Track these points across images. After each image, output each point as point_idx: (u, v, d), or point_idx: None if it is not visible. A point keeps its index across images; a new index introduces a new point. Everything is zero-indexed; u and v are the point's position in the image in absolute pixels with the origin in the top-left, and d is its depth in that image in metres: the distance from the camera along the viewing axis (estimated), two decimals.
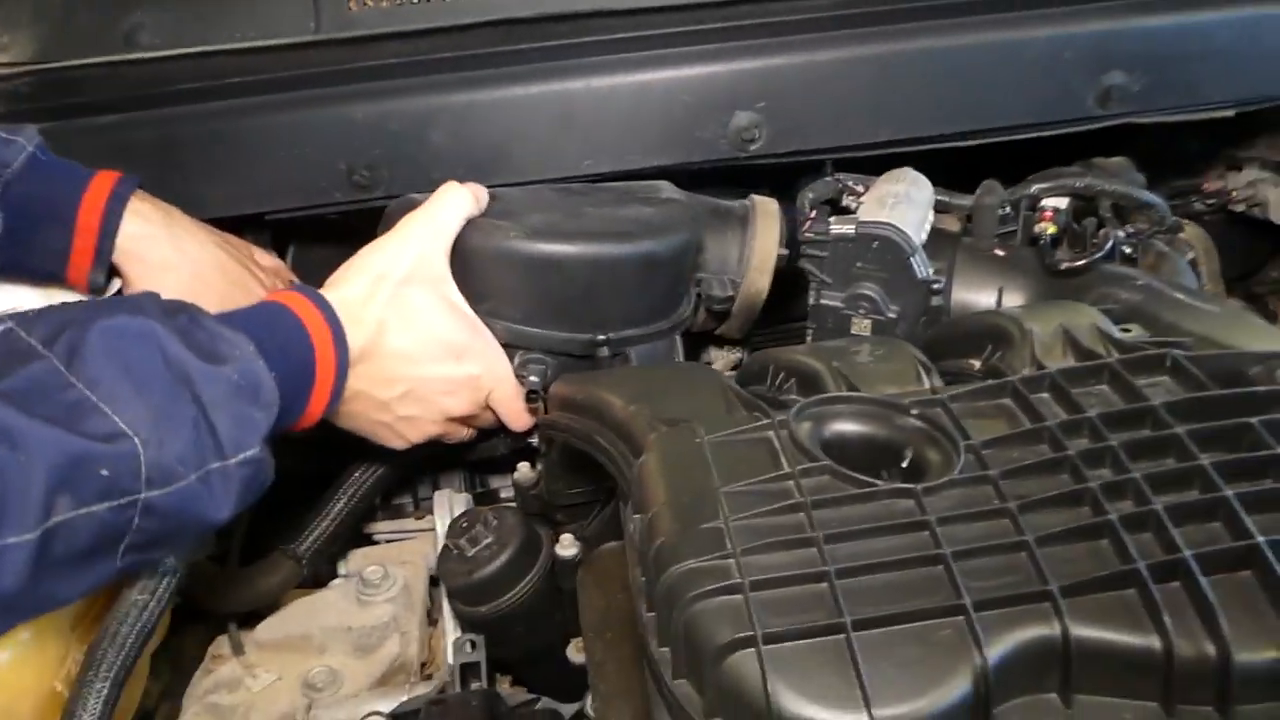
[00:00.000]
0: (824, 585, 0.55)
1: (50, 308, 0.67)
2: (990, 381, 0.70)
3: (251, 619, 0.97)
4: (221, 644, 0.96)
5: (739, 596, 0.55)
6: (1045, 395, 0.68)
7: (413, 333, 0.84)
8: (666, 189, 1.01)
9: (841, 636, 0.53)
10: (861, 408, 0.68)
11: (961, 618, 0.53)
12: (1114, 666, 0.53)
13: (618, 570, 0.75)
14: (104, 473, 0.61)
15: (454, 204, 0.88)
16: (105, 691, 0.69)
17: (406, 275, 0.84)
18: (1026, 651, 0.53)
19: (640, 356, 0.93)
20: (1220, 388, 0.65)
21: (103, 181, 0.91)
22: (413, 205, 0.91)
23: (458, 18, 1.06)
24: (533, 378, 0.89)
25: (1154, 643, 0.53)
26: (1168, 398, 0.64)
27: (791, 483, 0.62)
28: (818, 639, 0.53)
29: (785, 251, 1.01)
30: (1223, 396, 0.64)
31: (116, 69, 1.08)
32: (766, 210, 1.03)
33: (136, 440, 0.62)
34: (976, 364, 0.80)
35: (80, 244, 0.90)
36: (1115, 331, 0.76)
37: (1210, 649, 0.52)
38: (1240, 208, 1.32)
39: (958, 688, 0.51)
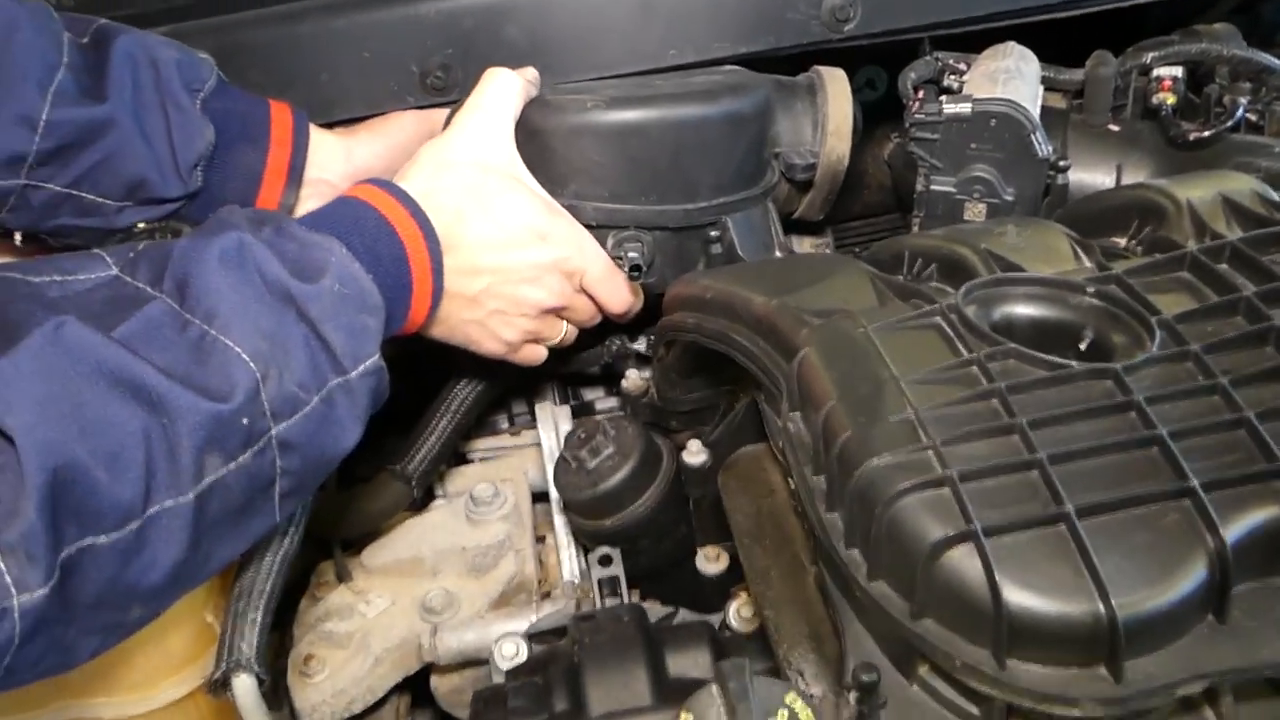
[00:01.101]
0: (1035, 474, 0.52)
1: (145, 248, 0.62)
2: (1164, 254, 0.65)
3: (352, 545, 0.95)
4: (324, 570, 0.93)
5: (946, 490, 0.52)
6: (1226, 266, 0.64)
7: (490, 219, 0.79)
8: (729, 67, 0.96)
9: (1064, 526, 0.50)
10: (1034, 289, 0.64)
11: (1189, 500, 0.50)
12: None
13: (761, 473, 0.72)
14: (245, 421, 0.58)
15: (501, 86, 0.84)
16: (260, 620, 0.66)
17: (474, 161, 0.80)
18: (1262, 532, 0.50)
19: (737, 225, 0.88)
20: None
21: (279, 104, 0.91)
22: None
23: None
24: (632, 254, 0.85)
25: None
26: None
27: (976, 368, 0.58)
28: (1039, 530, 0.50)
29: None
30: None
31: None
32: (834, 76, 0.97)
33: (256, 372, 0.58)
34: (1122, 242, 0.76)
35: (274, 162, 0.89)
36: (1277, 197, 0.72)
37: None
38: None
39: (1194, 573, 0.49)
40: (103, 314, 0.57)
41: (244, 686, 0.65)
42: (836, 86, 0.97)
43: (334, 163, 0.93)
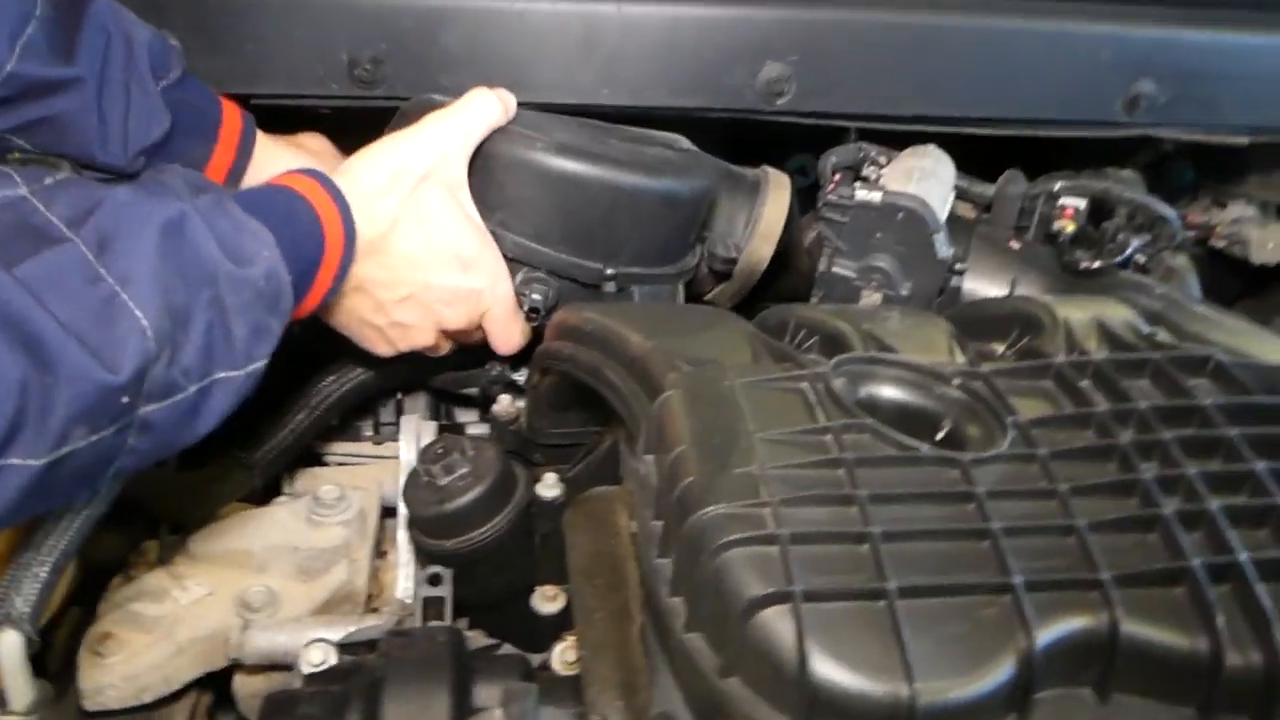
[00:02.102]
0: (865, 547, 0.51)
1: (70, 180, 0.59)
2: (1033, 361, 0.66)
3: (181, 527, 0.90)
4: (148, 550, 0.88)
5: (775, 549, 0.51)
6: (1089, 382, 0.65)
7: (424, 234, 0.79)
8: (684, 141, 0.97)
9: (883, 603, 0.49)
10: (902, 372, 0.64)
11: (1009, 597, 0.50)
12: (1157, 666, 0.51)
13: (610, 514, 0.70)
14: (124, 400, 0.54)
15: (483, 110, 0.83)
16: (43, 577, 0.61)
17: (425, 174, 0.79)
18: (1072, 640, 0.50)
19: (643, 297, 0.88)
20: (1264, 395, 0.63)
21: (230, 102, 0.91)
22: (432, 105, 0.85)
23: None
24: (535, 296, 0.84)
25: (1201, 645, 0.50)
26: (1215, 399, 0.62)
27: (830, 437, 0.58)
28: (858, 603, 0.49)
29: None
30: (1275, 404, 0.62)
31: None
32: (779, 181, 0.99)
33: (153, 346, 0.55)
34: (999, 349, 0.77)
35: (217, 162, 0.89)
36: (1147, 330, 0.74)
37: (1259, 658, 0.50)
38: (1221, 244, 1.31)
39: (1003, 669, 0.48)
40: (5, 244, 0.53)
41: (8, 642, 0.60)
42: (779, 192, 0.98)
43: (272, 171, 0.89)
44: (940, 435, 0.62)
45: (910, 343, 0.69)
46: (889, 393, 0.64)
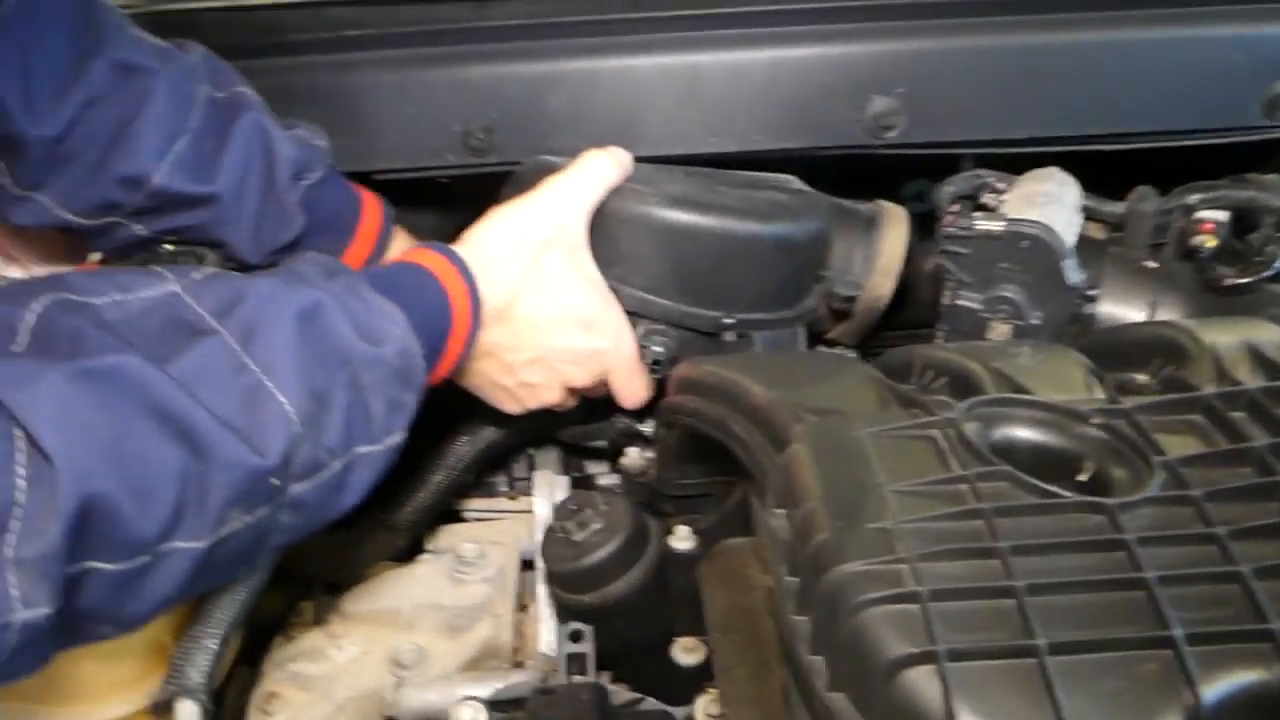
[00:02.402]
0: (1011, 602, 0.50)
1: (215, 274, 0.63)
2: (1179, 394, 0.64)
3: (335, 587, 0.94)
4: (304, 610, 0.92)
5: (916, 606, 0.50)
6: (1243, 414, 0.62)
7: (547, 300, 0.81)
8: (796, 182, 0.97)
9: (1034, 660, 0.47)
10: (1038, 413, 0.62)
11: (1170, 651, 0.48)
12: None
13: (743, 568, 0.70)
14: (274, 483, 0.58)
15: (600, 172, 0.85)
16: (214, 649, 0.66)
17: (547, 240, 0.81)
18: (1243, 695, 0.47)
19: (764, 342, 0.88)
20: None
21: (371, 197, 0.95)
22: (549, 168, 0.87)
23: None
24: (656, 348, 0.85)
25: None
26: None
27: (966, 486, 0.56)
28: (1006, 660, 0.48)
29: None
30: None
31: (233, 14, 1.05)
32: (896, 215, 0.98)
33: (299, 429, 0.59)
34: (1142, 379, 0.74)
35: (354, 253, 0.94)
36: None
37: None
38: None
39: None
40: (161, 338, 0.58)
41: (186, 712, 0.64)
42: (895, 227, 0.98)
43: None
44: (1083, 479, 0.60)
45: (1044, 380, 0.67)
46: (1025, 435, 0.62)
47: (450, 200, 1.13)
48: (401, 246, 0.98)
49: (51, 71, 0.77)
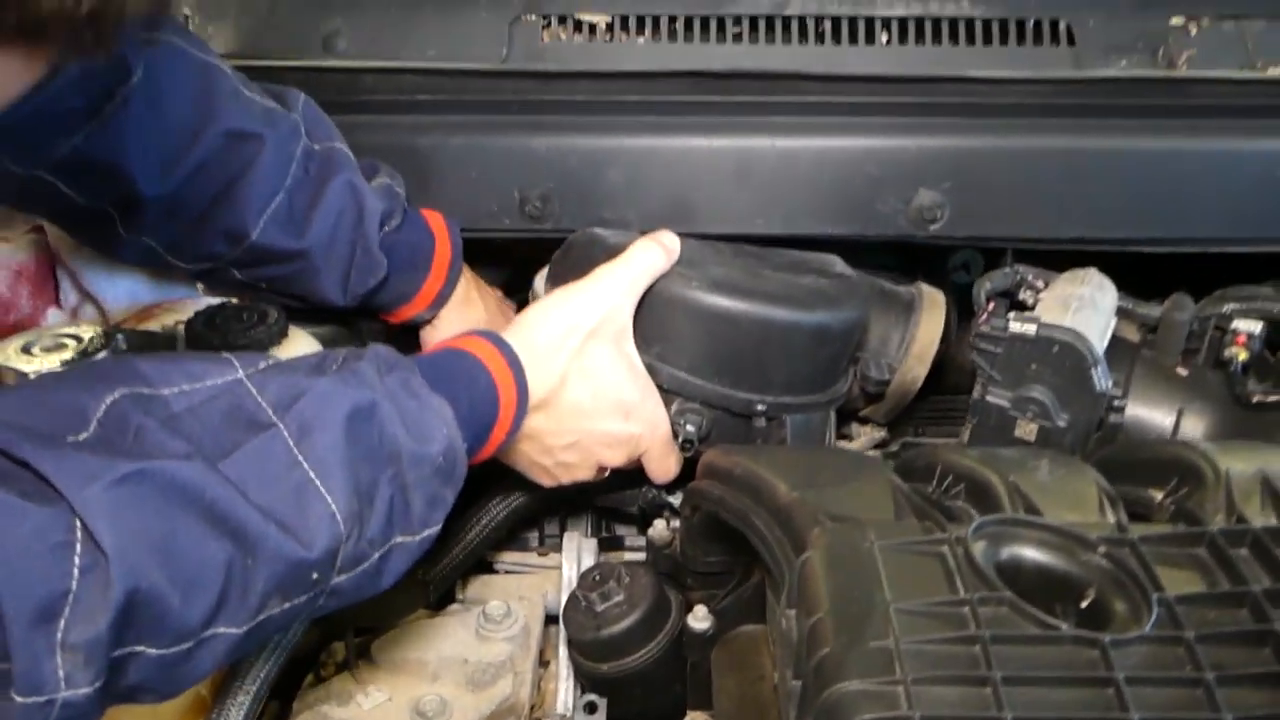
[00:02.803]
0: None
1: (278, 367, 0.67)
2: (1185, 528, 0.65)
3: (366, 630, 0.98)
4: (336, 651, 0.97)
5: None
6: (1246, 552, 0.63)
7: (590, 386, 0.84)
8: (839, 264, 0.99)
9: None
10: (1045, 535, 0.64)
11: None
12: None
13: (755, 655, 0.73)
14: (314, 576, 0.62)
15: (649, 261, 0.88)
16: (247, 704, 0.70)
17: (594, 329, 0.84)
18: None
19: (794, 425, 0.91)
20: None
21: (440, 227, 1.00)
22: (598, 241, 0.91)
23: (649, 64, 1.06)
24: (690, 427, 0.88)
25: None
26: None
27: (967, 609, 0.59)
28: None
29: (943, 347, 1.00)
30: None
31: (310, 74, 1.10)
32: (934, 301, 1.01)
33: (342, 532, 0.62)
34: (1158, 495, 0.76)
35: (426, 290, 0.99)
36: None
37: None
38: None
39: None
40: (221, 430, 0.62)
41: None
42: (933, 312, 1.00)
43: (465, 300, 1.04)
44: (1084, 604, 0.62)
45: (1058, 499, 0.69)
46: (1032, 556, 0.65)
47: (505, 257, 1.17)
48: (467, 277, 1.03)
49: (169, 140, 0.83)
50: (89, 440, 0.57)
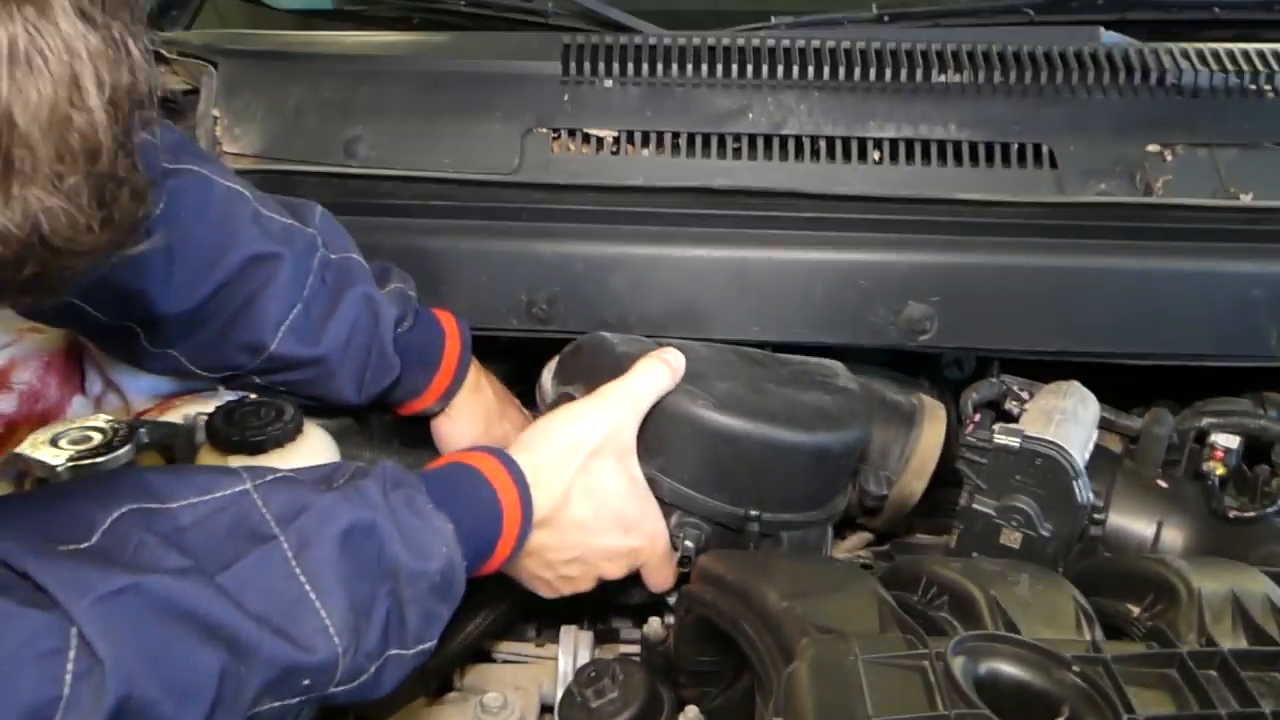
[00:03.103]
0: None
1: (285, 479, 0.71)
2: (1157, 649, 0.68)
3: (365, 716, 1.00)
4: None
5: None
6: (1214, 674, 0.66)
7: (593, 503, 0.86)
8: (843, 374, 1.01)
9: None
10: (1022, 652, 0.67)
11: None
12: None
13: None
14: (306, 682, 0.65)
15: (653, 381, 0.90)
16: None
17: (598, 447, 0.87)
18: None
19: (791, 540, 0.94)
20: None
21: (450, 324, 1.04)
22: (608, 348, 0.95)
23: (652, 174, 1.11)
24: (688, 542, 0.90)
25: None
26: None
27: None
28: None
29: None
30: None
31: (332, 179, 1.16)
32: (935, 415, 1.04)
33: (338, 646, 0.65)
34: (1135, 610, 0.79)
35: (435, 386, 1.04)
36: None
37: None
38: None
39: None
40: (224, 541, 0.65)
41: None
42: (933, 425, 1.04)
43: (474, 389, 1.07)
44: None
45: (1036, 613, 0.73)
46: (1009, 671, 0.67)
47: (509, 354, 1.21)
48: (475, 367, 1.08)
49: (191, 265, 0.88)
50: (89, 550, 0.60)
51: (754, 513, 0.90)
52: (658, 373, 0.90)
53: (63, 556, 0.59)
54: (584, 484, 0.86)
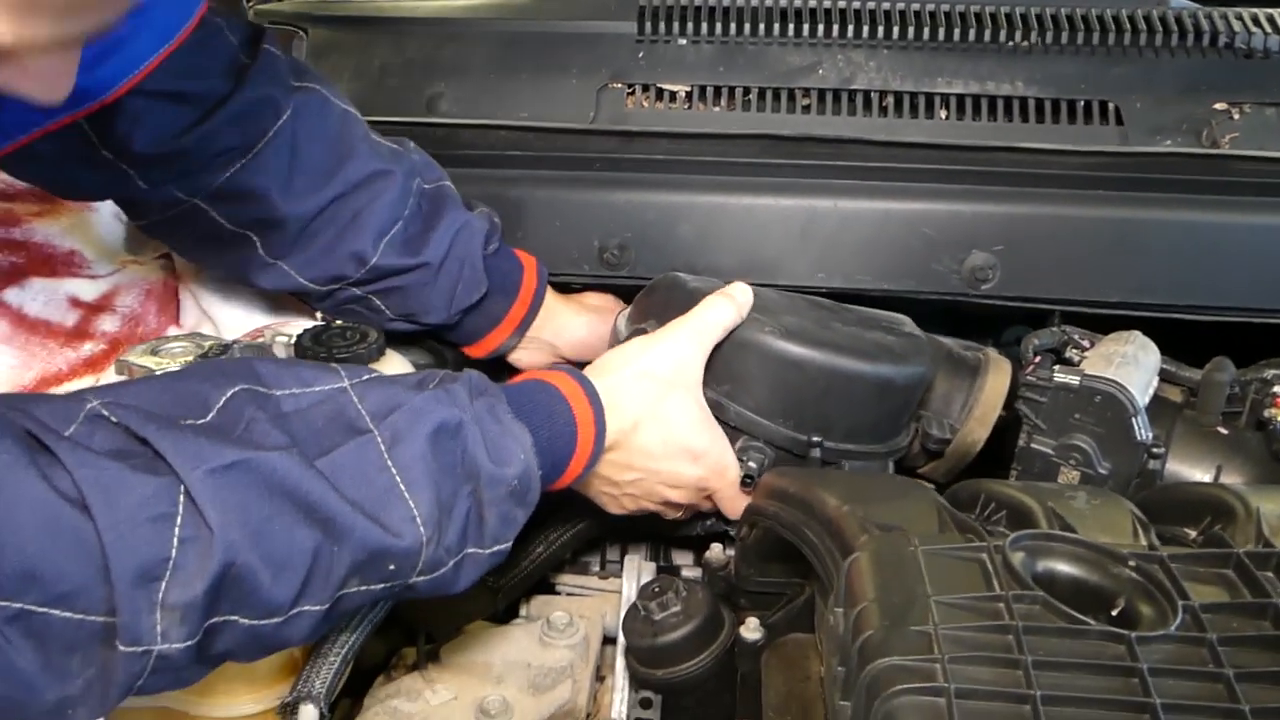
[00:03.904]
0: (1027, 708, 0.57)
1: (379, 380, 0.75)
2: (1213, 549, 0.70)
3: (433, 638, 1.04)
4: (407, 655, 1.03)
5: (941, 700, 0.57)
6: (1270, 574, 0.67)
7: (661, 432, 0.90)
8: (909, 324, 1.04)
9: None
10: (1079, 550, 0.69)
11: None
12: None
13: (803, 660, 0.78)
14: (391, 567, 0.69)
15: (720, 315, 0.93)
16: (336, 665, 0.77)
17: (669, 378, 0.91)
18: None
19: (852, 470, 0.96)
20: None
21: (529, 259, 1.10)
22: (680, 285, 0.98)
23: (723, 127, 1.15)
24: (751, 463, 0.94)
25: None
26: None
27: (1003, 605, 0.64)
28: None
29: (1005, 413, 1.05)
30: None
31: (414, 129, 1.21)
32: (999, 366, 1.06)
33: (423, 535, 0.69)
34: (1192, 533, 0.80)
35: (513, 314, 1.09)
36: None
37: None
38: None
39: None
40: (321, 432, 0.69)
41: (308, 715, 0.75)
42: (998, 376, 1.06)
43: (552, 323, 1.13)
44: (1115, 612, 0.66)
45: (1093, 523, 0.74)
46: (1065, 569, 0.69)
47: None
48: (556, 311, 1.13)
49: (310, 174, 0.94)
50: (206, 425, 0.65)
51: (816, 439, 0.93)
52: (724, 308, 0.94)
53: (182, 429, 0.64)
54: (653, 412, 0.90)
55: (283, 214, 0.94)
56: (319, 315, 1.07)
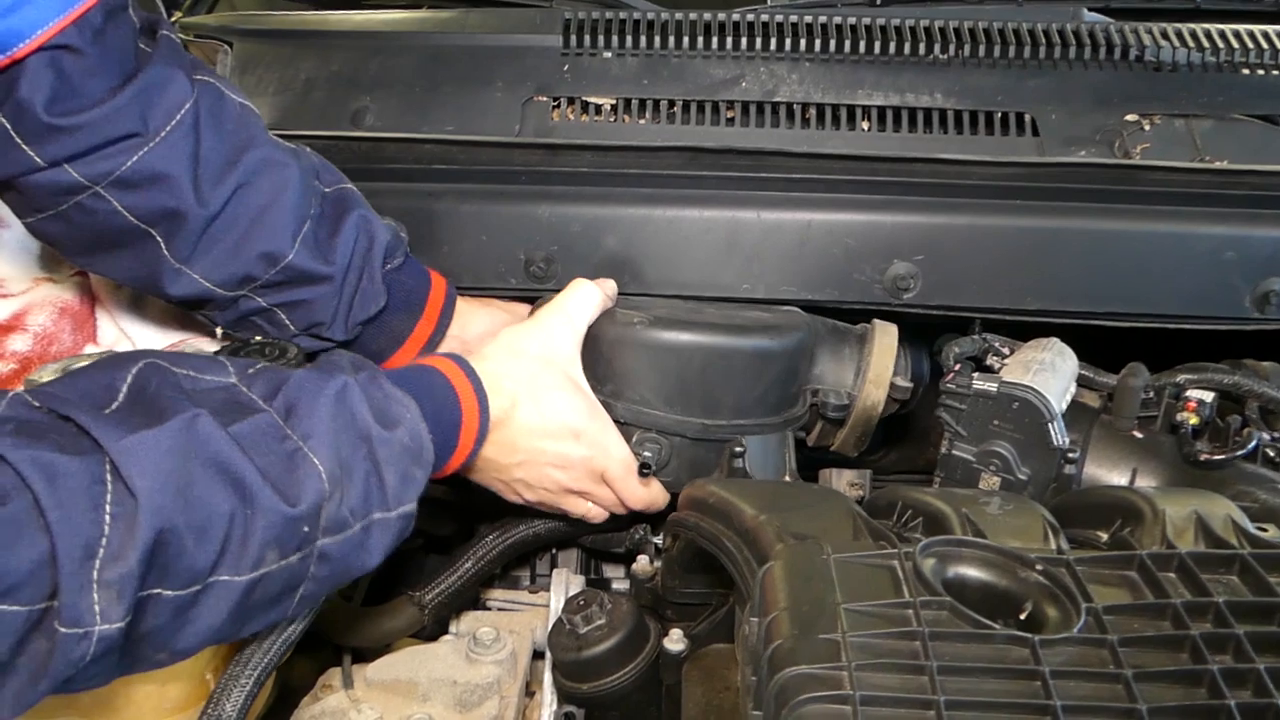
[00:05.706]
0: (931, 713, 0.57)
1: (263, 369, 0.76)
2: (1118, 551, 0.71)
3: (362, 657, 1.03)
4: (333, 675, 1.01)
5: (847, 708, 0.58)
6: (1172, 575, 0.69)
7: (539, 408, 0.93)
8: (798, 312, 1.07)
9: None
10: (987, 554, 0.70)
11: None
12: None
13: (723, 670, 0.78)
14: (305, 529, 0.69)
15: (585, 296, 1.00)
16: (248, 687, 0.75)
17: (540, 355, 0.95)
18: None
19: (752, 446, 0.98)
20: None
21: (438, 277, 1.09)
22: None
23: (647, 139, 1.15)
24: (645, 453, 0.96)
25: None
26: None
27: (911, 611, 0.64)
28: None
29: (909, 384, 1.07)
30: None
31: (339, 143, 1.20)
32: (885, 330, 1.08)
33: (326, 490, 0.70)
34: (1103, 536, 0.81)
35: (419, 333, 1.08)
36: (1250, 527, 0.77)
37: None
38: None
39: None
40: (222, 411, 0.69)
41: None
42: (885, 340, 1.07)
43: (460, 332, 1.11)
44: (1022, 616, 0.67)
45: (1005, 529, 0.75)
46: (974, 574, 0.70)
47: None
48: (461, 322, 1.11)
49: (214, 160, 0.92)
50: (120, 408, 0.65)
51: (710, 421, 0.95)
52: (588, 290, 0.99)
53: (98, 412, 0.64)
54: (530, 389, 0.92)
55: (189, 204, 0.91)
56: (219, 333, 1.04)
